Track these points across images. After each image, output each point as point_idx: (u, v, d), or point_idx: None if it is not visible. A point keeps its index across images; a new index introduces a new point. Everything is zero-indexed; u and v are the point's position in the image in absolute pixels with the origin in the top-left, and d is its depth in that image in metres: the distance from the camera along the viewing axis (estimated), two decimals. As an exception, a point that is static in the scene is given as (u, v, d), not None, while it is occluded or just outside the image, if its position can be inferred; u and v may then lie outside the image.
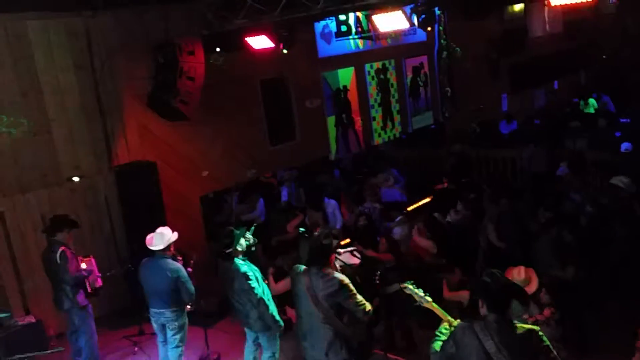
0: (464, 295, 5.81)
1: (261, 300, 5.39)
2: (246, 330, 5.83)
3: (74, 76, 7.83)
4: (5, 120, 7.22)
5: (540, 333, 3.51)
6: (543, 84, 18.41)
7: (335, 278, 4.57)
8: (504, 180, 11.93)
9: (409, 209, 10.13)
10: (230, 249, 5.52)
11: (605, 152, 10.98)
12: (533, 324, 4.36)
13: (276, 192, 11.50)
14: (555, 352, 3.52)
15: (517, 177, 12.26)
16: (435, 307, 4.08)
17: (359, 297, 4.58)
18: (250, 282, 5.39)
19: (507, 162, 12.63)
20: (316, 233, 5.24)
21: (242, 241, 5.67)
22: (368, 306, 4.60)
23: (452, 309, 4.72)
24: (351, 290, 4.56)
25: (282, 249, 7.82)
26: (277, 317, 5.52)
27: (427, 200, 10.81)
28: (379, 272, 6.57)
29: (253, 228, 6.06)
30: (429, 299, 4.14)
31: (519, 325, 3.53)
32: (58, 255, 6.24)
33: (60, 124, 7.75)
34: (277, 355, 5.73)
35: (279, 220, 9.18)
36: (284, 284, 5.66)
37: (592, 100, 16.58)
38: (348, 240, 7.55)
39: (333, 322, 4.56)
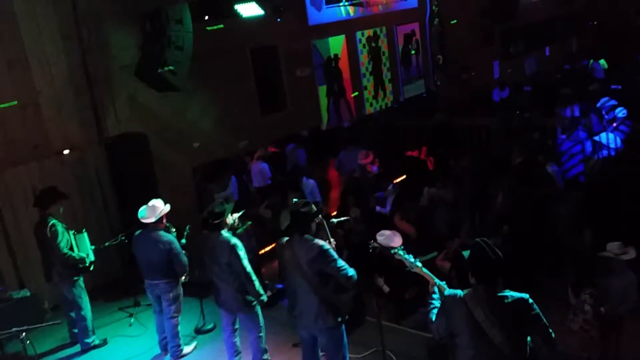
0: (408, 227, 5.87)
1: (249, 273, 5.32)
2: (223, 313, 5.68)
3: (61, 46, 7.68)
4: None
5: (531, 301, 3.51)
6: (534, 51, 18.34)
7: (315, 243, 4.61)
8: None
9: (398, 180, 10.17)
10: (219, 220, 5.44)
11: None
12: None
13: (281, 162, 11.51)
14: (545, 320, 3.53)
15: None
16: (424, 273, 4.14)
17: (341, 263, 4.62)
18: (240, 252, 5.30)
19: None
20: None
21: (231, 216, 5.64)
22: (351, 272, 4.62)
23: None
24: (332, 256, 4.59)
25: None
26: (262, 291, 5.40)
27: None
28: (372, 241, 6.63)
29: (242, 212, 6.05)
30: (419, 264, 4.21)
31: (509, 294, 3.54)
32: (48, 229, 6.22)
33: (48, 96, 7.63)
34: (263, 335, 5.60)
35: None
36: None
37: (602, 61, 16.51)
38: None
39: (318, 290, 4.61)
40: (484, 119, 12.78)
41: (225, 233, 5.43)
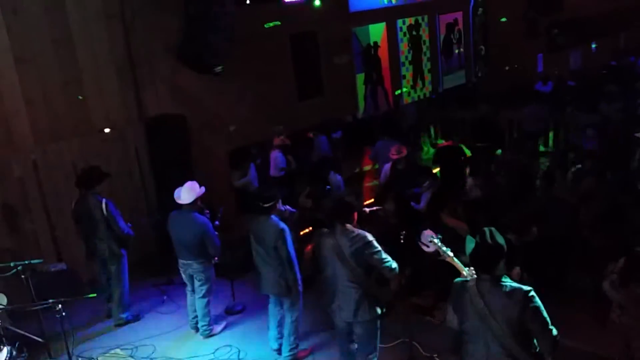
0: (460, 224, 5.85)
1: (293, 260, 5.37)
2: (271, 298, 5.76)
3: (105, 25, 7.81)
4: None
5: (531, 294, 3.42)
6: (580, 45, 17.83)
7: (360, 234, 4.59)
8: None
9: (434, 171, 10.01)
10: (271, 203, 5.46)
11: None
12: None
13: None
14: (545, 315, 3.43)
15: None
16: (456, 262, 4.17)
17: (385, 254, 4.59)
18: (287, 238, 5.33)
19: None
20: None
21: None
22: (394, 264, 4.60)
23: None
24: (376, 247, 4.57)
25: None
26: (299, 282, 5.46)
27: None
28: (403, 232, 6.59)
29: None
30: (451, 254, 4.24)
31: (509, 283, 3.49)
32: (104, 206, 6.37)
33: (91, 74, 7.77)
34: (299, 320, 5.66)
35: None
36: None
37: None
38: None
39: (360, 281, 4.58)
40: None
41: (274, 217, 5.47)
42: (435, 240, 4.41)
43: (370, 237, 4.59)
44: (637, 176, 7.62)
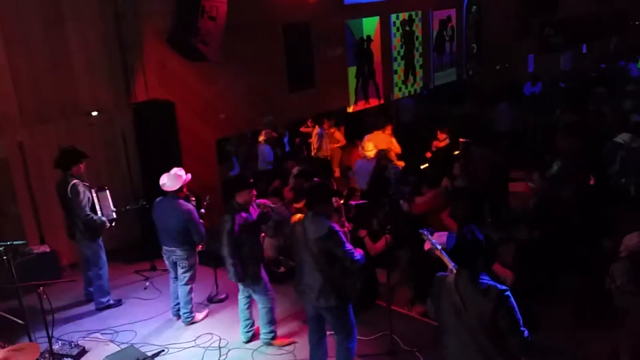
0: (508, 275, 5.74)
1: (231, 248, 5.43)
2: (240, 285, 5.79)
3: (96, 8, 7.75)
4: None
5: (507, 294, 3.45)
6: (571, 47, 17.93)
7: (325, 223, 4.62)
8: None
9: (422, 167, 10.05)
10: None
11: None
12: None
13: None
14: (519, 316, 3.45)
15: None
16: (442, 256, 4.22)
17: (349, 247, 4.64)
18: (227, 226, 5.41)
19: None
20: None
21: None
22: (357, 256, 4.64)
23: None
24: (340, 238, 4.61)
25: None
26: (262, 271, 5.57)
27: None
28: (389, 227, 6.63)
29: None
30: (439, 246, 4.29)
31: (486, 281, 3.52)
32: (69, 188, 6.33)
33: (81, 56, 7.71)
34: (272, 307, 5.69)
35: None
36: (381, 243, 5.84)
37: None
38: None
39: (323, 269, 4.64)
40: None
41: (236, 205, 5.50)
42: (426, 234, 4.47)
43: (335, 228, 4.63)
44: (618, 179, 7.69)
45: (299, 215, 4.94)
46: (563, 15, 16.09)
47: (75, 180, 6.38)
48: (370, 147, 9.06)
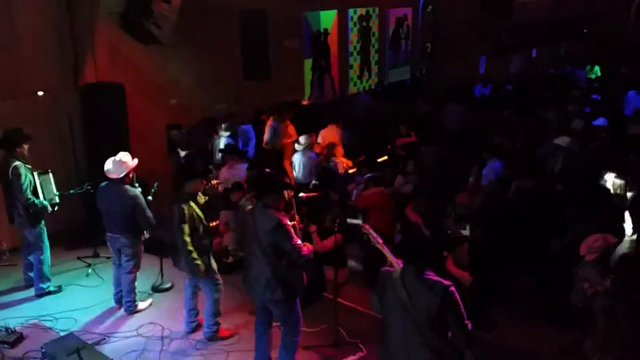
0: (466, 277, 5.77)
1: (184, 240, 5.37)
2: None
3: (46, -15, 7.48)
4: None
5: (451, 289, 3.58)
6: (522, 50, 18.43)
7: (275, 217, 4.63)
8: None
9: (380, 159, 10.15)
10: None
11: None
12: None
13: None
14: (462, 310, 3.58)
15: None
16: (385, 250, 4.24)
17: (297, 240, 4.66)
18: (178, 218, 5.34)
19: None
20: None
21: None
22: (305, 250, 4.67)
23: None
24: (287, 232, 4.63)
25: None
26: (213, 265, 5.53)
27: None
28: (338, 220, 6.68)
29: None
30: (380, 240, 4.31)
31: (432, 278, 3.62)
32: (10, 170, 6.11)
33: (29, 34, 7.43)
34: (218, 298, 5.65)
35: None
36: (330, 241, 5.81)
37: (597, 68, 16.87)
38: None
39: (270, 261, 4.65)
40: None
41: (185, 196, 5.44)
42: (367, 227, 4.48)
43: (284, 221, 4.64)
44: (558, 180, 7.98)
45: (249, 207, 4.93)
46: (516, 19, 16.49)
47: (17, 162, 6.16)
48: (302, 140, 9.10)
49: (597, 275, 4.58)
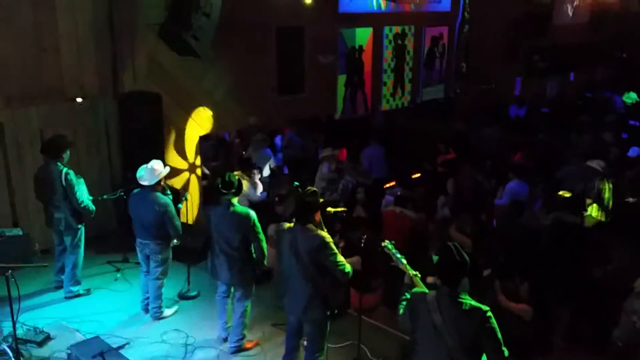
0: (524, 309, 5.66)
1: (263, 249, 5.41)
2: (220, 283, 5.76)
3: (88, -7, 7.69)
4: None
5: (489, 314, 3.51)
6: (559, 74, 18.19)
7: (317, 234, 4.60)
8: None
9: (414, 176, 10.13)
10: (232, 190, 5.44)
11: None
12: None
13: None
14: (500, 336, 3.51)
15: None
16: (408, 270, 4.18)
17: (340, 257, 4.62)
18: (257, 226, 5.38)
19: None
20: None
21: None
22: (348, 267, 4.63)
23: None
24: (332, 249, 4.59)
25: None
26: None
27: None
28: (365, 236, 6.64)
29: None
30: (404, 261, 4.25)
31: (469, 302, 3.56)
32: (63, 177, 6.28)
33: (70, 41, 7.64)
34: (249, 310, 5.68)
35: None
36: (356, 260, 5.82)
37: (634, 94, 16.60)
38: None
39: (313, 280, 4.61)
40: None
41: (240, 205, 5.49)
42: (390, 247, 4.41)
43: (328, 238, 4.61)
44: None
45: (287, 224, 4.90)
46: (551, 41, 16.31)
47: (66, 169, 6.34)
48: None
49: None
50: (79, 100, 7.78)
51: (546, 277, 6.08)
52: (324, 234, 4.64)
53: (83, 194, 6.45)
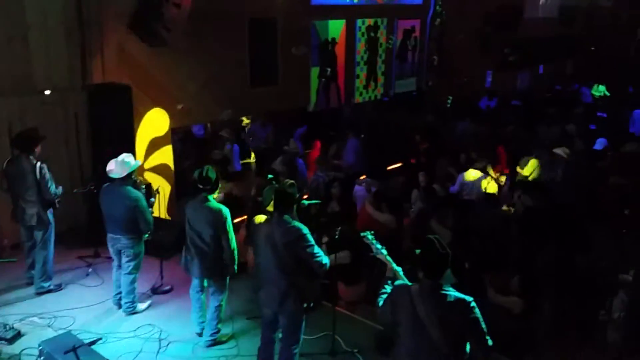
0: (514, 300, 5.71)
1: (232, 243, 5.38)
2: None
3: (57, -17, 7.53)
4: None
5: (473, 304, 3.56)
6: (529, 67, 18.47)
7: (295, 227, 4.59)
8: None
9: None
10: (209, 186, 5.39)
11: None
12: None
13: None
14: (484, 326, 3.58)
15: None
16: (388, 261, 4.18)
17: (317, 249, 4.62)
18: (228, 221, 5.34)
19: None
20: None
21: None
22: (325, 259, 4.64)
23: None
24: (310, 241, 4.59)
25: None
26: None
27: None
28: (339, 229, 6.67)
29: None
30: (385, 252, 4.25)
31: (453, 293, 3.60)
32: (38, 171, 6.19)
33: (38, 32, 7.47)
34: (224, 304, 5.67)
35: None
36: (345, 255, 5.94)
37: (602, 87, 16.92)
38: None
39: (289, 272, 4.61)
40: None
41: (214, 200, 5.45)
42: (370, 237, 4.39)
43: (305, 230, 4.61)
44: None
45: (262, 216, 4.88)
46: (523, 35, 16.54)
47: (42, 164, 6.25)
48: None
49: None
50: (47, 92, 7.62)
51: (526, 265, 6.17)
52: (302, 225, 4.63)
53: (52, 185, 6.37)
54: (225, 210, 5.38)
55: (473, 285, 5.33)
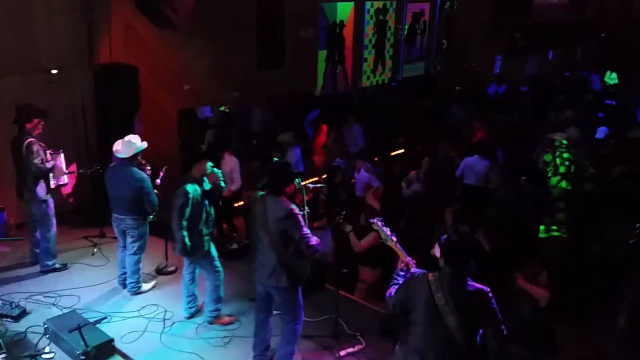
0: (542, 293, 5.62)
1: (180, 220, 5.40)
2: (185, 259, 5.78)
3: (63, -40, 7.48)
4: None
5: (490, 295, 3.59)
6: (538, 52, 18.28)
7: (285, 205, 4.65)
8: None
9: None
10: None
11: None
12: None
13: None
14: (500, 315, 3.61)
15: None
16: (397, 248, 4.16)
17: (306, 230, 4.66)
18: (185, 198, 5.35)
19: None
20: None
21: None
22: (312, 241, 4.66)
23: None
24: (298, 221, 4.63)
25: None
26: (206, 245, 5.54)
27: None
28: (343, 212, 6.67)
29: None
30: (394, 239, 4.21)
31: (471, 283, 3.62)
32: (24, 146, 6.15)
33: (43, 11, 7.43)
34: (220, 284, 5.67)
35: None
36: (369, 241, 6.02)
37: (613, 74, 16.75)
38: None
39: (278, 250, 4.67)
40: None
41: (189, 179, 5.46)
42: (379, 224, 4.35)
43: (295, 210, 4.65)
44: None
45: (260, 193, 4.91)
46: (533, 20, 16.35)
47: (30, 139, 6.19)
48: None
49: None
50: (53, 71, 7.61)
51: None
52: (292, 205, 4.67)
53: (39, 162, 6.25)
54: (188, 187, 5.36)
55: (495, 274, 5.33)
